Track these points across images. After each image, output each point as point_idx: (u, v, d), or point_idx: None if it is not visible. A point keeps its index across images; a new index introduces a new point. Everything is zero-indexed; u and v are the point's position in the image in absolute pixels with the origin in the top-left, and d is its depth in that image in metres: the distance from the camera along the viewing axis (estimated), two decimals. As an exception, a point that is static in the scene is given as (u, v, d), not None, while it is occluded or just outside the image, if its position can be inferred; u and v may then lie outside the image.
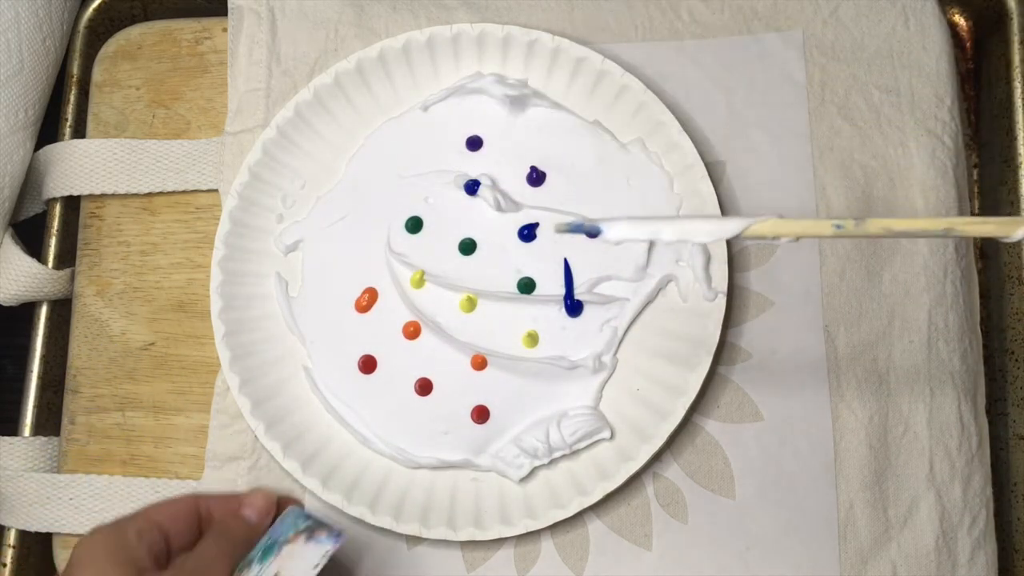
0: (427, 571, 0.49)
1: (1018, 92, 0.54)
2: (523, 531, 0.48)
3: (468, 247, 0.52)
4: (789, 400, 0.50)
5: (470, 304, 0.51)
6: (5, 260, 0.55)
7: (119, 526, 0.43)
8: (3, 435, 0.55)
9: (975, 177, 0.57)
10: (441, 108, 0.54)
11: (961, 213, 0.52)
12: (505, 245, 0.52)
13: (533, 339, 0.51)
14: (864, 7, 0.53)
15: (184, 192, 0.56)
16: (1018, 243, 0.53)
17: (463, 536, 0.48)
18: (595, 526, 0.49)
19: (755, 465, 0.50)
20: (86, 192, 0.56)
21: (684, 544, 0.49)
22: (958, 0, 0.58)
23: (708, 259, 0.50)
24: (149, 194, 0.56)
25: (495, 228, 0.52)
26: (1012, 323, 0.53)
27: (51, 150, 0.57)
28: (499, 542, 0.49)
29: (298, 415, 0.51)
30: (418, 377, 0.51)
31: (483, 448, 0.50)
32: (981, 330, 0.52)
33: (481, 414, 0.50)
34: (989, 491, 0.50)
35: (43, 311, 0.57)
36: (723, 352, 0.50)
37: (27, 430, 0.55)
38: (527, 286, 0.51)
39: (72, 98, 0.59)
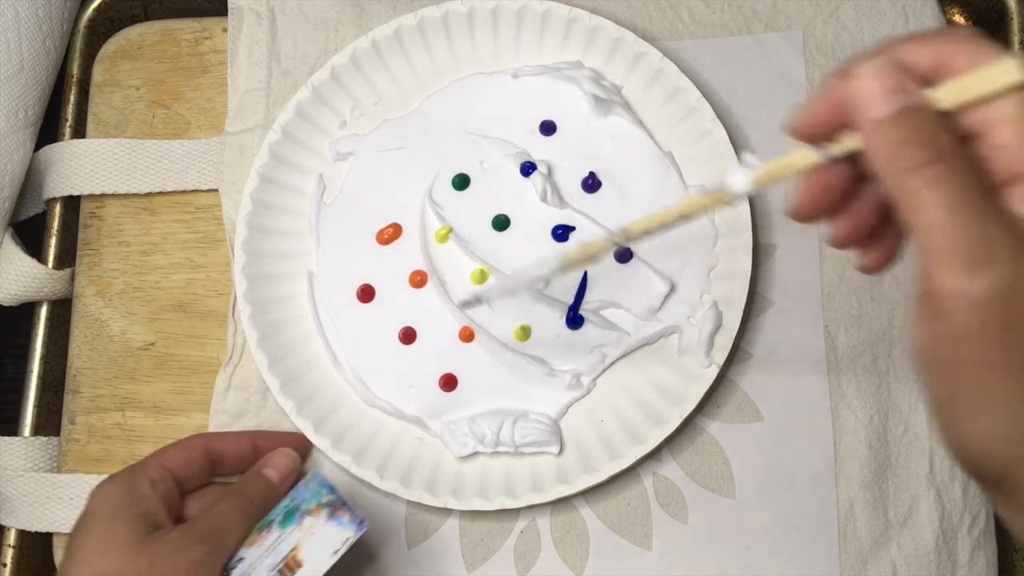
0: (427, 571, 0.49)
1: (1018, 92, 0.54)
2: (441, 505, 0.48)
3: (501, 223, 0.52)
4: (789, 400, 0.50)
5: (481, 277, 0.51)
6: (5, 260, 0.55)
7: (133, 476, 0.43)
8: (3, 435, 0.55)
9: (975, 177, 0.57)
10: (531, 82, 0.53)
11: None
12: (536, 236, 0.51)
13: (525, 333, 0.51)
14: (864, 7, 0.53)
15: (184, 192, 0.56)
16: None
17: (386, 487, 0.48)
18: (595, 526, 0.49)
19: (755, 465, 0.50)
20: (86, 192, 0.56)
21: (684, 544, 0.49)
22: (958, 0, 0.58)
23: (718, 327, 0.49)
24: (149, 194, 0.56)
25: (533, 216, 0.52)
26: (1012, 323, 0.53)
27: (51, 150, 0.57)
28: (500, 541, 0.49)
29: (311, 375, 0.52)
30: (406, 325, 0.51)
31: (438, 414, 0.50)
32: (981, 330, 0.52)
33: (449, 382, 0.50)
34: (989, 491, 0.50)
35: (43, 311, 0.57)
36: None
37: (27, 430, 0.55)
38: None
39: (72, 98, 0.59)
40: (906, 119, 0.28)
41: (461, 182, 0.52)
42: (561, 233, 0.51)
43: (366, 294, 0.52)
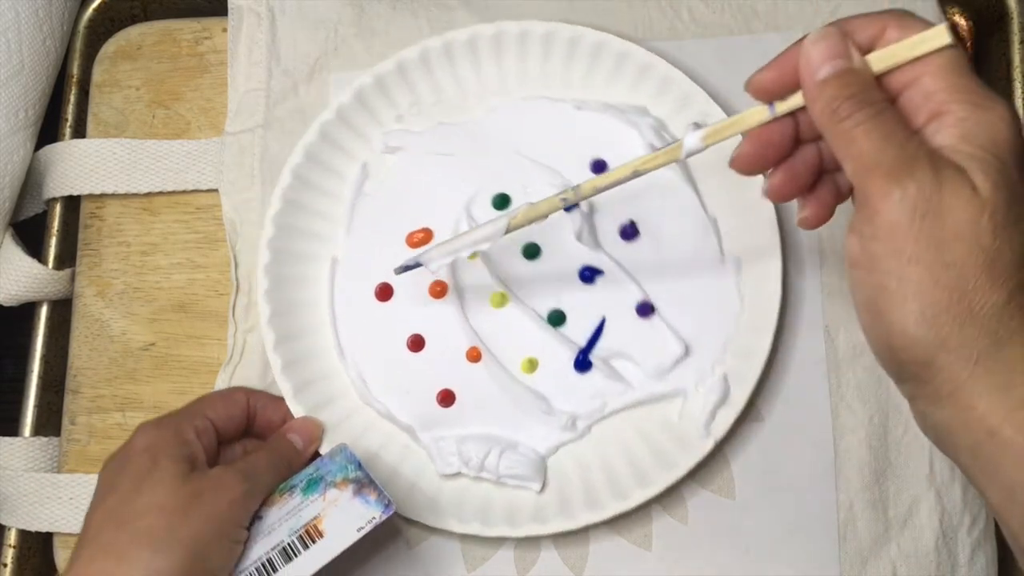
0: (427, 571, 0.49)
1: (1018, 92, 0.54)
2: (415, 518, 0.48)
3: (532, 252, 0.51)
4: (789, 400, 0.50)
5: (501, 300, 0.51)
6: (5, 260, 0.55)
7: (180, 423, 0.45)
8: (4, 435, 0.55)
9: (975, 177, 0.57)
10: (592, 117, 0.52)
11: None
12: (563, 272, 0.51)
13: (532, 366, 0.50)
14: (864, 7, 0.53)
15: (184, 192, 0.56)
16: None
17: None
18: (595, 526, 0.49)
19: (755, 465, 0.50)
20: (86, 192, 0.56)
21: (684, 544, 0.49)
22: (958, 0, 0.58)
23: (723, 399, 0.48)
24: (149, 194, 0.56)
25: (564, 251, 0.51)
26: (1012, 323, 0.53)
27: (51, 150, 0.57)
28: (500, 541, 0.49)
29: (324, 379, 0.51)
30: (417, 332, 0.51)
31: (430, 427, 0.50)
32: (981, 330, 0.52)
33: (446, 398, 0.50)
34: (989, 491, 0.50)
35: (43, 311, 0.57)
36: (723, 352, 0.50)
37: (27, 430, 0.55)
38: (556, 319, 0.51)
39: (72, 98, 0.59)
40: (842, 78, 0.34)
41: (501, 201, 0.52)
42: (588, 275, 0.51)
43: (384, 293, 0.52)
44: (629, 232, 0.51)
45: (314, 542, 0.43)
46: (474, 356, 0.50)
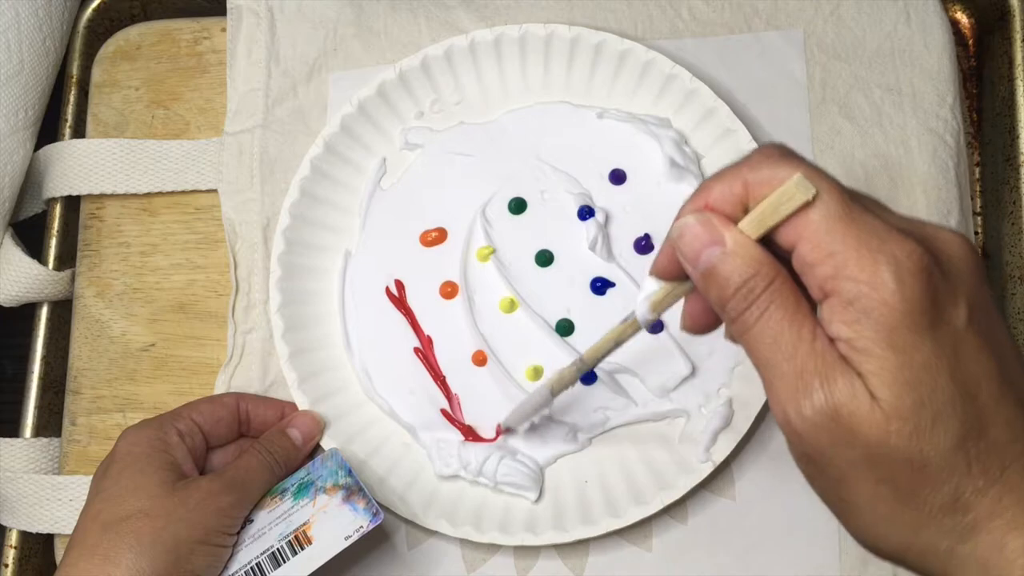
0: (427, 572, 0.49)
1: (1020, 90, 0.54)
2: (408, 517, 0.48)
3: (544, 259, 0.51)
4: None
5: (510, 306, 0.51)
6: (5, 261, 0.55)
7: (163, 425, 0.45)
8: (4, 436, 0.55)
9: (977, 176, 0.57)
10: (614, 126, 0.52)
11: (963, 211, 0.51)
12: (575, 281, 0.51)
13: (537, 374, 0.50)
14: (865, 5, 0.53)
15: (183, 192, 0.56)
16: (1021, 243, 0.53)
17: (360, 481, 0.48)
18: (595, 527, 0.49)
19: (755, 465, 0.49)
20: (85, 192, 0.56)
21: (684, 544, 0.49)
22: (960, -3, 0.58)
23: (726, 426, 0.48)
24: (148, 194, 0.56)
25: (576, 260, 0.51)
26: (1014, 323, 0.53)
27: (51, 150, 0.57)
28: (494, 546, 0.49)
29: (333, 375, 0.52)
30: (425, 333, 0.51)
31: (431, 428, 0.50)
32: (982, 330, 0.52)
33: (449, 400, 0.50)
34: (990, 491, 0.50)
35: (44, 312, 0.57)
36: (723, 352, 0.50)
37: (28, 431, 0.56)
38: (565, 329, 0.50)
39: (72, 98, 0.59)
40: (720, 272, 0.30)
41: (517, 206, 0.52)
42: (600, 286, 0.50)
43: (397, 291, 0.52)
44: (644, 245, 0.51)
45: (303, 548, 0.43)
46: (480, 360, 0.50)
